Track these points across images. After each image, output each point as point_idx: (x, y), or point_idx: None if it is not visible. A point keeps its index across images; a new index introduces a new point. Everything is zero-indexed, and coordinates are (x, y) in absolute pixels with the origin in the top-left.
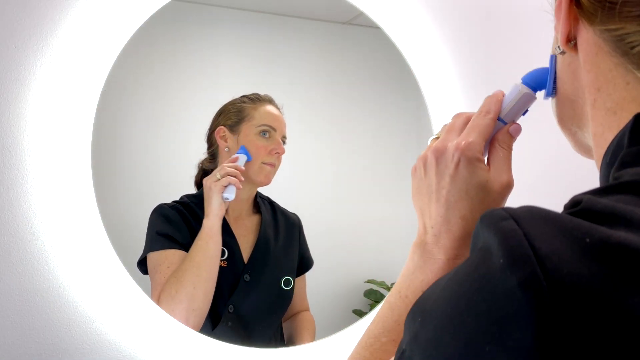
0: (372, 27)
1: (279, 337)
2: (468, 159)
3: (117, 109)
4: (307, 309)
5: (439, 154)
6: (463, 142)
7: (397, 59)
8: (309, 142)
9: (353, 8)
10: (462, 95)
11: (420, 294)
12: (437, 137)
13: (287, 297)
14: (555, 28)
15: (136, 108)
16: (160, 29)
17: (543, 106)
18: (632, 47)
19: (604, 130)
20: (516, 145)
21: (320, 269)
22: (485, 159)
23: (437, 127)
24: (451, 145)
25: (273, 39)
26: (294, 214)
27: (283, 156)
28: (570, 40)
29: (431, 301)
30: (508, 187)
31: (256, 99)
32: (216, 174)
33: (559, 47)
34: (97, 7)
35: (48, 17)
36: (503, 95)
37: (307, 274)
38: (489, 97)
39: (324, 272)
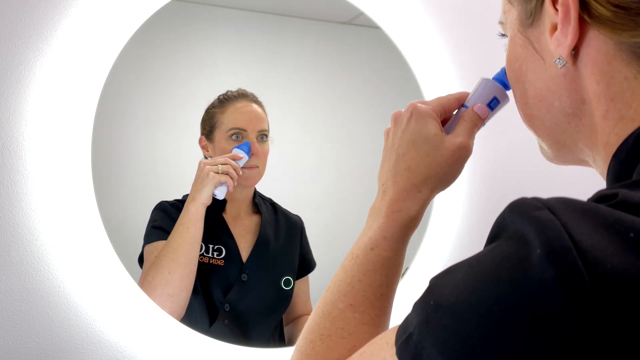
0: (372, 27)
1: (277, 338)
2: (419, 113)
3: (117, 109)
4: (310, 313)
5: (397, 115)
6: (418, 102)
7: (397, 59)
8: (309, 142)
9: (353, 8)
10: None
11: (368, 251)
12: None
13: (286, 297)
14: (557, 39)
15: (136, 108)
16: (160, 29)
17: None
18: None
19: (619, 139)
20: (517, 147)
21: (321, 269)
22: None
23: None
24: (407, 106)
25: (273, 39)
26: (296, 215)
27: (283, 156)
28: (572, 51)
29: (449, 287)
30: (461, 148)
31: (224, 100)
32: (218, 164)
33: (560, 59)
34: (97, 7)
35: (48, 17)
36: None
37: (311, 273)
38: None
39: (324, 273)
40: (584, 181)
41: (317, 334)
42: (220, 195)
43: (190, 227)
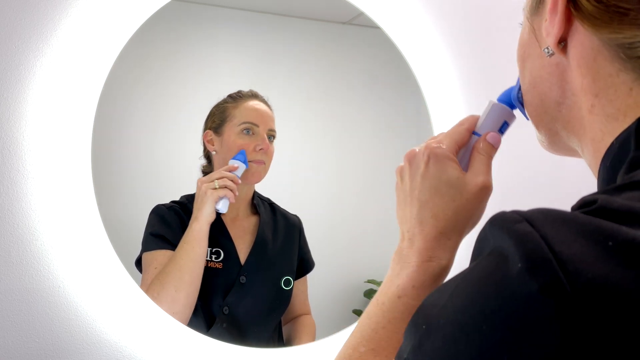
0: (372, 27)
1: (276, 339)
2: (437, 157)
3: (117, 109)
4: (309, 313)
5: (411, 156)
6: (433, 143)
7: (397, 59)
8: (309, 142)
9: (353, 8)
10: (462, 96)
11: (395, 299)
12: None
13: (285, 297)
14: (546, 29)
15: (136, 108)
16: (160, 29)
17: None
18: None
19: (604, 136)
20: (509, 148)
21: (320, 269)
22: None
23: (437, 127)
24: (422, 146)
25: (273, 39)
26: (294, 215)
27: (282, 156)
28: (560, 42)
29: (438, 308)
30: (484, 188)
31: (237, 97)
32: (215, 180)
33: (548, 48)
34: (97, 7)
35: (48, 17)
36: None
37: (309, 273)
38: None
39: (324, 272)
40: (583, 180)
41: None
42: (223, 209)
43: (195, 246)
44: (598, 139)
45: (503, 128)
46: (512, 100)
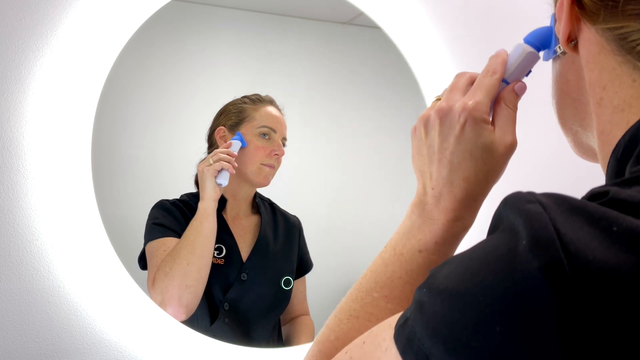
0: (372, 27)
1: (276, 338)
2: (475, 120)
3: (117, 109)
4: (307, 313)
5: (443, 114)
6: (470, 102)
7: (397, 59)
8: (309, 143)
9: (353, 8)
10: None
11: (416, 252)
12: (439, 99)
13: (285, 296)
14: (556, 28)
15: (136, 108)
16: (160, 29)
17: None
18: (634, 47)
19: (612, 127)
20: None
21: (320, 269)
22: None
23: None
24: (458, 105)
25: (273, 39)
26: (294, 216)
27: (283, 157)
28: (572, 41)
29: (443, 275)
30: (512, 148)
31: (257, 100)
32: (209, 159)
33: (559, 47)
34: (97, 7)
35: (48, 17)
36: (507, 54)
37: (308, 274)
38: (493, 57)
39: (324, 272)
40: (586, 179)
41: (346, 314)
42: (223, 183)
43: (203, 222)
44: (607, 131)
45: (528, 74)
46: (552, 52)
